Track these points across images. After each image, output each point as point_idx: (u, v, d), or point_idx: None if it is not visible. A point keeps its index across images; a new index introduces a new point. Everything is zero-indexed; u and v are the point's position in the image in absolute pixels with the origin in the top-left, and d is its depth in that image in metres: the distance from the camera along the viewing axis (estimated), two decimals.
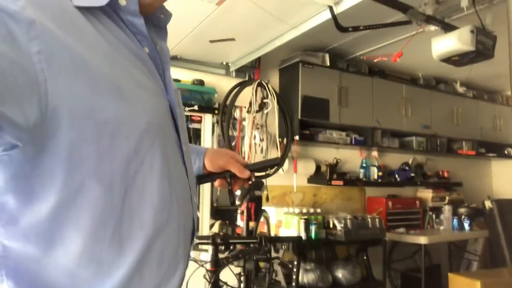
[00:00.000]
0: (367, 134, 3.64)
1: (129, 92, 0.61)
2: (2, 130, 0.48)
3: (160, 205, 0.65)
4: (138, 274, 0.62)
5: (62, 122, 0.53)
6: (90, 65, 0.56)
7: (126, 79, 0.62)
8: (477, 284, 2.91)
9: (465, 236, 4.03)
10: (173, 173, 0.69)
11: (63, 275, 0.57)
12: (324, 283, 2.73)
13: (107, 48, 0.61)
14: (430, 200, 4.12)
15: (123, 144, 0.59)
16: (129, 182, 0.61)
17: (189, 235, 0.76)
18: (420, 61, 3.62)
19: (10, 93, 0.48)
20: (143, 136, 0.62)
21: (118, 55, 0.63)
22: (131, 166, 0.61)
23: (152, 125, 0.64)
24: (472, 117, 4.44)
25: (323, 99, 3.34)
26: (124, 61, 0.63)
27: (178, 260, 0.71)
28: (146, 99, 0.65)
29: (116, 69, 0.61)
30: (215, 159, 1.01)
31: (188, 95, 2.85)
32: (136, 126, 0.61)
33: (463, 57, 2.45)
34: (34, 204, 0.54)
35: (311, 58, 3.32)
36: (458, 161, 4.70)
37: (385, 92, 3.76)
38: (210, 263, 1.66)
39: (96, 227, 0.58)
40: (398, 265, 3.94)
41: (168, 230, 0.67)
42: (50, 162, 0.54)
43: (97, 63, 0.58)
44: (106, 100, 0.57)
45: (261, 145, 3.19)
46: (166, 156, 0.67)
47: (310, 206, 3.28)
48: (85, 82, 0.55)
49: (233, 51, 2.96)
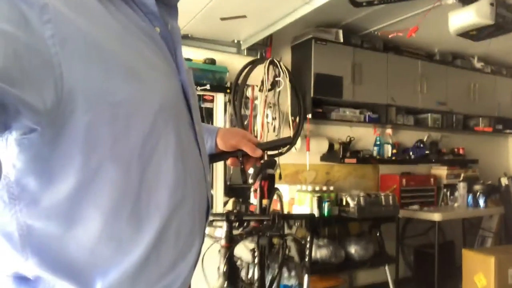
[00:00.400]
0: (381, 112, 3.60)
1: (141, 73, 0.62)
2: (20, 115, 0.49)
3: (175, 185, 0.66)
4: (155, 252, 0.64)
5: (78, 105, 0.54)
6: (103, 47, 0.57)
7: (139, 60, 0.62)
8: (491, 260, 2.91)
9: (479, 213, 4.01)
10: (187, 154, 0.70)
11: (84, 253, 0.59)
12: (336, 259, 2.77)
13: (119, 29, 0.61)
14: (445, 178, 4.09)
15: (137, 125, 0.60)
16: (145, 163, 0.62)
17: (203, 213, 0.78)
18: (436, 36, 3.53)
19: (28, 77, 0.48)
20: (157, 117, 0.63)
21: (130, 36, 0.63)
22: (147, 147, 0.62)
23: (165, 105, 0.64)
24: (489, 93, 4.34)
25: (336, 77, 3.30)
26: (136, 41, 0.63)
27: (194, 237, 0.73)
28: (158, 80, 0.65)
29: (129, 51, 0.61)
30: (227, 138, 1.02)
31: (199, 75, 2.85)
32: (149, 107, 0.62)
33: (482, 31, 2.38)
34: (54, 185, 0.56)
35: (324, 35, 3.27)
36: (474, 138, 4.63)
37: (400, 68, 3.69)
38: (224, 239, 1.70)
39: (114, 206, 0.59)
40: (411, 241, 3.96)
41: (184, 209, 0.69)
42: (68, 144, 0.55)
43: (110, 44, 0.58)
44: (120, 81, 0.58)
45: (274, 124, 3.20)
46: (180, 136, 0.68)
47: (323, 184, 3.30)
48: (98, 64, 0.56)
49: (244, 29, 2.93)
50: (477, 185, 4.00)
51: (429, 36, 3.54)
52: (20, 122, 0.50)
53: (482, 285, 2.98)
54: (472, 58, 4.25)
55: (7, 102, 0.46)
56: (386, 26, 3.31)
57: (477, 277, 3.01)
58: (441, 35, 3.36)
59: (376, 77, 3.53)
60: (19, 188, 0.55)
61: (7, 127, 0.49)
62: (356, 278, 3.74)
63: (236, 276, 1.72)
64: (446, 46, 3.96)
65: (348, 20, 3.27)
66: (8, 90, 0.45)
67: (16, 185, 0.55)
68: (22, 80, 0.47)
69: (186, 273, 0.72)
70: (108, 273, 0.60)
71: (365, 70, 3.44)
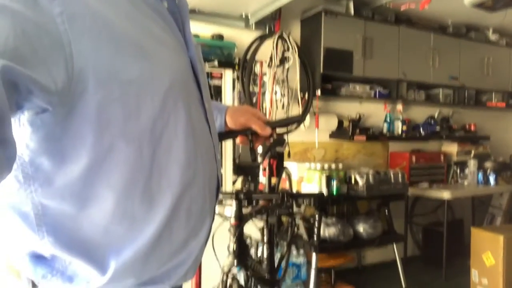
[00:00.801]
0: (392, 87, 3.53)
1: (150, 51, 0.61)
2: (32, 95, 0.48)
3: (186, 163, 0.66)
4: (167, 229, 0.64)
5: (89, 84, 0.53)
6: (112, 25, 0.56)
7: (148, 37, 0.61)
8: (500, 238, 2.89)
9: (490, 191, 3.97)
10: (197, 132, 0.69)
11: (98, 231, 0.59)
12: (345, 237, 2.77)
13: (127, 5, 0.60)
14: (455, 155, 4.04)
15: (148, 104, 0.59)
16: (156, 141, 0.61)
17: (214, 191, 0.77)
18: (450, 7, 3.41)
19: (38, 57, 0.48)
20: (167, 95, 0.62)
21: (138, 12, 0.61)
22: (157, 125, 0.61)
23: (175, 83, 0.63)
24: (504, 67, 4.22)
25: (346, 51, 3.21)
26: (144, 18, 0.62)
27: (205, 215, 0.73)
28: (167, 57, 0.64)
29: (137, 27, 0.60)
30: (236, 116, 1.01)
31: (207, 50, 2.79)
32: (160, 85, 0.61)
33: (498, 2, 2.29)
34: (67, 165, 0.56)
35: (334, 7, 3.16)
36: (487, 113, 4.54)
37: (412, 42, 3.59)
38: (234, 217, 1.70)
39: (127, 185, 0.59)
40: (420, 219, 3.96)
41: (195, 187, 0.69)
42: (80, 124, 0.54)
43: (119, 22, 0.57)
44: (130, 59, 0.57)
45: (282, 100, 3.14)
46: (190, 114, 0.67)
47: (331, 162, 3.27)
48: (108, 42, 0.55)
49: (252, 2, 2.84)
50: (488, 162, 3.94)
51: (442, 8, 3.42)
52: (32, 102, 0.49)
53: (490, 263, 2.97)
54: (487, 30, 4.12)
55: (18, 82, 0.45)
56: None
57: (485, 256, 3.00)
58: (455, 6, 3.25)
59: (387, 51, 3.44)
60: (33, 168, 0.55)
61: (19, 107, 0.49)
62: (365, 256, 3.76)
63: (245, 254, 1.73)
64: (460, 18, 3.83)
65: None
66: (19, 70, 0.44)
67: (30, 165, 0.55)
68: (32, 60, 0.47)
69: (197, 251, 0.72)
70: (122, 251, 0.61)
71: (376, 44, 3.35)
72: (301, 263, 2.95)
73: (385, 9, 3.46)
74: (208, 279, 2.00)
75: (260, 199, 1.89)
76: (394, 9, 3.45)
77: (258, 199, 1.88)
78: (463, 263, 3.59)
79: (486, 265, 2.99)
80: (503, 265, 2.88)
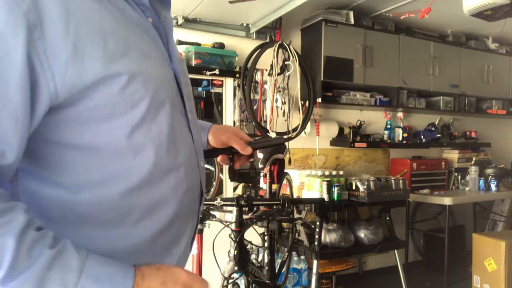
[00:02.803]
0: (393, 95, 3.55)
1: (152, 79, 0.66)
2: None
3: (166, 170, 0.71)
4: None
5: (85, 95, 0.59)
6: (101, 44, 0.59)
7: (134, 51, 0.64)
8: (502, 244, 2.90)
9: (491, 197, 3.97)
10: (178, 141, 0.73)
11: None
12: (346, 243, 2.78)
13: (113, 22, 0.63)
14: (456, 161, 4.05)
15: (130, 113, 0.64)
16: (138, 149, 0.67)
17: (197, 198, 0.80)
18: (449, 17, 3.44)
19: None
20: (151, 105, 0.65)
21: (122, 29, 0.64)
22: (137, 133, 0.65)
23: (158, 94, 0.67)
24: (504, 75, 4.25)
25: (346, 59, 3.25)
26: (128, 33, 0.65)
27: (187, 221, 0.77)
28: (152, 69, 0.67)
29: (124, 43, 0.63)
30: (218, 135, 1.02)
31: (208, 59, 2.83)
32: (144, 95, 0.64)
33: (497, 11, 2.32)
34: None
35: (334, 16, 3.21)
36: (487, 121, 4.56)
37: (412, 50, 3.62)
38: (234, 223, 1.71)
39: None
40: (421, 225, 3.96)
41: (177, 191, 0.73)
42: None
43: (106, 40, 0.60)
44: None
45: (283, 108, 3.18)
46: (172, 124, 0.71)
47: (332, 169, 3.29)
48: (96, 60, 0.58)
49: (253, 12, 2.89)
50: (489, 169, 3.95)
51: (442, 17, 3.46)
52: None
53: (492, 269, 2.97)
54: (487, 39, 4.15)
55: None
56: (398, 7, 3.24)
57: (487, 262, 3.00)
58: (454, 15, 3.28)
59: (387, 59, 3.48)
60: None
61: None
62: (366, 262, 3.76)
63: (246, 259, 1.75)
64: (460, 27, 3.87)
65: (359, 1, 3.20)
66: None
67: None
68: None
69: (179, 256, 0.76)
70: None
71: (376, 53, 3.38)
72: (302, 269, 2.97)
73: (385, 18, 3.50)
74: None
75: (261, 205, 1.92)
76: (394, 18, 3.49)
77: (259, 205, 1.90)
78: (464, 269, 3.59)
79: (488, 271, 2.99)
80: (505, 271, 2.88)
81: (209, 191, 2.95)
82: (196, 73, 2.79)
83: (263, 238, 2.13)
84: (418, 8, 2.93)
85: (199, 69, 2.78)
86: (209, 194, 2.94)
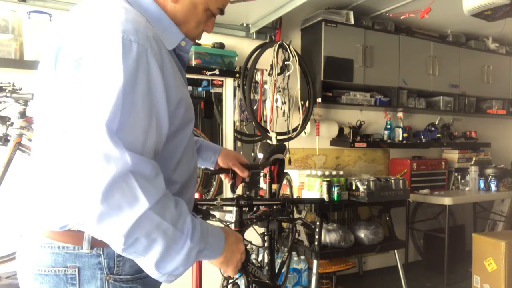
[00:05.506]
0: (393, 95, 3.56)
1: (190, 104, 0.96)
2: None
3: (193, 166, 1.05)
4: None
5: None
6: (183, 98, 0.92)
7: (188, 96, 0.95)
8: (502, 244, 2.90)
9: (491, 197, 3.97)
10: (194, 151, 1.05)
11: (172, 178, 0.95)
12: (346, 243, 2.78)
13: (176, 73, 0.91)
14: (456, 161, 4.05)
15: (186, 134, 0.97)
16: (181, 152, 0.99)
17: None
18: (449, 17, 3.44)
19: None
20: (190, 130, 0.98)
21: (181, 79, 0.95)
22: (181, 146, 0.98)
23: (192, 124, 0.98)
24: (504, 75, 4.25)
25: (346, 59, 3.25)
26: (183, 82, 0.95)
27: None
28: (192, 106, 0.97)
29: (184, 90, 0.95)
30: (226, 159, 1.43)
31: (208, 59, 2.83)
32: (190, 127, 0.97)
33: (497, 11, 2.32)
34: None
35: (334, 16, 3.21)
36: (487, 121, 4.56)
37: (412, 50, 3.62)
38: (234, 223, 1.71)
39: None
40: (421, 225, 3.96)
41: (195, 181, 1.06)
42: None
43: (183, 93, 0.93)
44: (190, 111, 0.96)
45: (283, 108, 3.18)
46: (192, 141, 1.03)
47: (332, 169, 3.29)
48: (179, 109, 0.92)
49: (253, 12, 2.89)
50: (489, 169, 3.96)
51: (442, 17, 3.46)
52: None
53: (492, 269, 2.97)
54: (487, 39, 4.15)
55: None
56: (398, 7, 3.24)
57: (487, 262, 3.01)
58: (454, 16, 3.29)
59: (387, 59, 3.48)
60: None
61: None
62: (366, 262, 3.76)
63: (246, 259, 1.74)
64: (459, 27, 3.87)
65: (359, 1, 3.20)
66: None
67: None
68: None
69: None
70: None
71: (376, 53, 3.38)
72: (302, 269, 2.97)
73: (385, 18, 3.50)
74: (209, 285, 2.02)
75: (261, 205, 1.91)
76: (394, 18, 3.49)
77: (259, 205, 1.90)
78: (464, 269, 3.59)
79: (488, 270, 3.00)
80: (505, 271, 2.88)
81: (209, 191, 2.95)
82: (196, 73, 2.79)
83: (263, 238, 2.12)
84: (418, 8, 2.93)
85: (199, 69, 2.78)
86: (209, 194, 2.94)
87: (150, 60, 0.78)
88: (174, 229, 0.78)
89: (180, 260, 0.79)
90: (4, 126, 2.10)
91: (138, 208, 0.73)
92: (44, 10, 2.34)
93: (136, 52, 0.76)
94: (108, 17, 0.80)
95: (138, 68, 0.76)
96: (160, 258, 0.77)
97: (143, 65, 0.77)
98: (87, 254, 0.86)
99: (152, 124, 0.80)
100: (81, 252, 0.86)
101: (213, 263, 0.95)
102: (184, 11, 0.95)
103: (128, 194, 0.73)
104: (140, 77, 0.76)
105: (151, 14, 0.90)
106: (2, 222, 2.22)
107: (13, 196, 2.15)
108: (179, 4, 0.94)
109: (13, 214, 2.19)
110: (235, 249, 0.97)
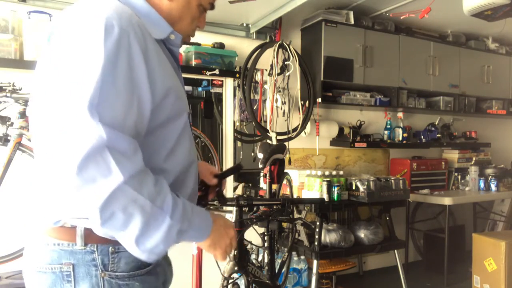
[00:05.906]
0: (393, 95, 3.56)
1: (182, 95, 0.98)
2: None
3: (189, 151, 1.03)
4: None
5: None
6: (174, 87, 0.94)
7: (178, 86, 0.97)
8: (502, 244, 2.90)
9: (491, 197, 3.97)
10: (191, 140, 1.04)
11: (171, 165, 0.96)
12: (346, 243, 2.78)
13: (167, 64, 0.96)
14: (456, 161, 4.05)
15: (178, 125, 0.97)
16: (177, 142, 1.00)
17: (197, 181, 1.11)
18: (449, 17, 3.44)
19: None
20: (186, 123, 0.98)
21: (171, 69, 0.97)
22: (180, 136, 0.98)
23: (186, 115, 0.98)
24: (504, 75, 4.25)
25: (346, 59, 3.25)
26: (172, 73, 0.97)
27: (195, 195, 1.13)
28: (185, 97, 1.00)
29: (174, 81, 0.96)
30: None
31: (208, 59, 2.83)
32: (184, 115, 0.97)
33: (497, 11, 2.32)
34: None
35: (334, 16, 3.21)
36: (487, 121, 4.56)
37: (412, 50, 3.62)
38: (234, 223, 1.71)
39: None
40: (421, 225, 3.96)
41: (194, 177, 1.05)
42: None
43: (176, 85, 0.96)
44: (181, 101, 0.97)
45: (283, 108, 3.18)
46: (190, 134, 1.03)
47: (332, 169, 3.30)
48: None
49: (253, 12, 2.89)
50: (489, 169, 3.96)
51: (442, 17, 3.46)
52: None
53: (492, 269, 2.97)
54: (487, 39, 4.15)
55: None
56: (398, 7, 3.24)
57: (487, 262, 3.01)
58: (454, 16, 3.28)
59: (387, 59, 3.48)
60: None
61: None
62: (366, 262, 3.76)
63: (246, 259, 1.75)
64: (459, 27, 3.87)
65: (359, 1, 3.20)
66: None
67: None
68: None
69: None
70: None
71: (376, 53, 3.38)
72: (302, 269, 2.97)
73: (385, 18, 3.50)
74: (209, 285, 2.02)
75: (261, 205, 1.91)
76: (394, 18, 3.49)
77: (259, 205, 1.90)
78: (464, 269, 3.59)
79: (488, 270, 3.00)
80: (505, 271, 2.88)
81: None
82: (196, 73, 2.79)
83: (263, 238, 2.13)
84: (418, 8, 2.93)
85: (199, 69, 2.78)
86: None
87: (132, 42, 0.81)
88: (152, 205, 0.78)
89: (160, 237, 0.80)
90: (4, 126, 2.10)
91: (112, 181, 0.74)
92: (44, 10, 2.34)
93: (118, 34, 0.79)
94: (94, 6, 0.84)
95: (119, 48, 0.79)
96: (140, 234, 0.78)
97: (124, 47, 0.80)
98: (81, 251, 0.86)
99: (133, 104, 0.81)
100: (75, 249, 0.86)
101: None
102: (179, 8, 1.00)
103: (102, 167, 0.74)
104: (121, 57, 0.79)
105: (139, 9, 0.94)
106: (2, 222, 2.22)
107: (13, 196, 2.15)
108: (174, 2, 0.99)
109: (13, 214, 2.19)
110: (223, 233, 0.98)
